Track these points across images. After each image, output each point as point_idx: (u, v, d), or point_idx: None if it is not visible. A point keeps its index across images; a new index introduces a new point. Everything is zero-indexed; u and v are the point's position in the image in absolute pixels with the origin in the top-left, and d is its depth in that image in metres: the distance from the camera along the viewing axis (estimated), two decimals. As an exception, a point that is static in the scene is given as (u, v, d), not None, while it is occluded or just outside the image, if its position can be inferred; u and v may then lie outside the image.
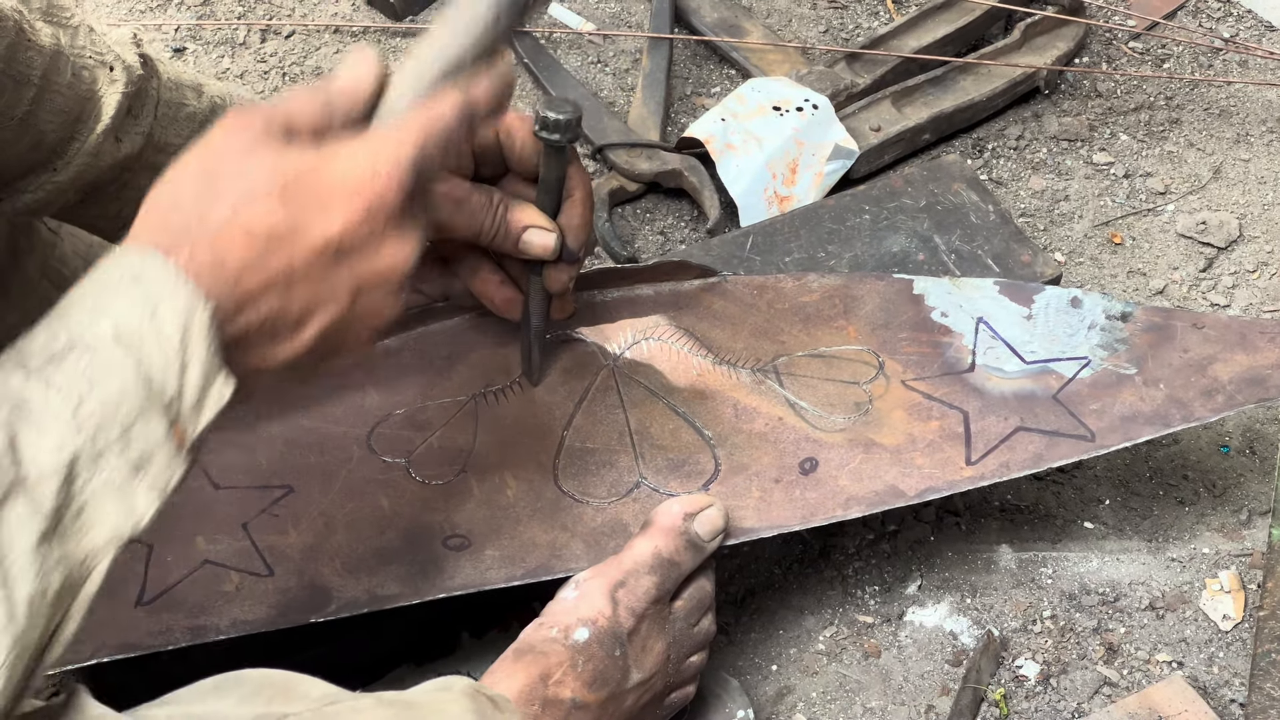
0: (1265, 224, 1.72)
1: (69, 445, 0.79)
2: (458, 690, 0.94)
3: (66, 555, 0.79)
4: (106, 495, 0.80)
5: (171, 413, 0.82)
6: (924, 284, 1.38)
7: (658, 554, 1.17)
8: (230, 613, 1.18)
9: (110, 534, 0.80)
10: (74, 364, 0.81)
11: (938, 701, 1.32)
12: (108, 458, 0.80)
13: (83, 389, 0.80)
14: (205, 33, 1.98)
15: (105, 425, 0.80)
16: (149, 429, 0.81)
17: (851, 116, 1.75)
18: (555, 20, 1.97)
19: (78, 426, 0.80)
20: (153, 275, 0.83)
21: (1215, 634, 1.36)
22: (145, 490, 0.82)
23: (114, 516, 0.80)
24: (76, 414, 0.80)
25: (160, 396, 0.82)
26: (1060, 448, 1.28)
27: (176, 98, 1.11)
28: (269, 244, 0.86)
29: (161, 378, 0.82)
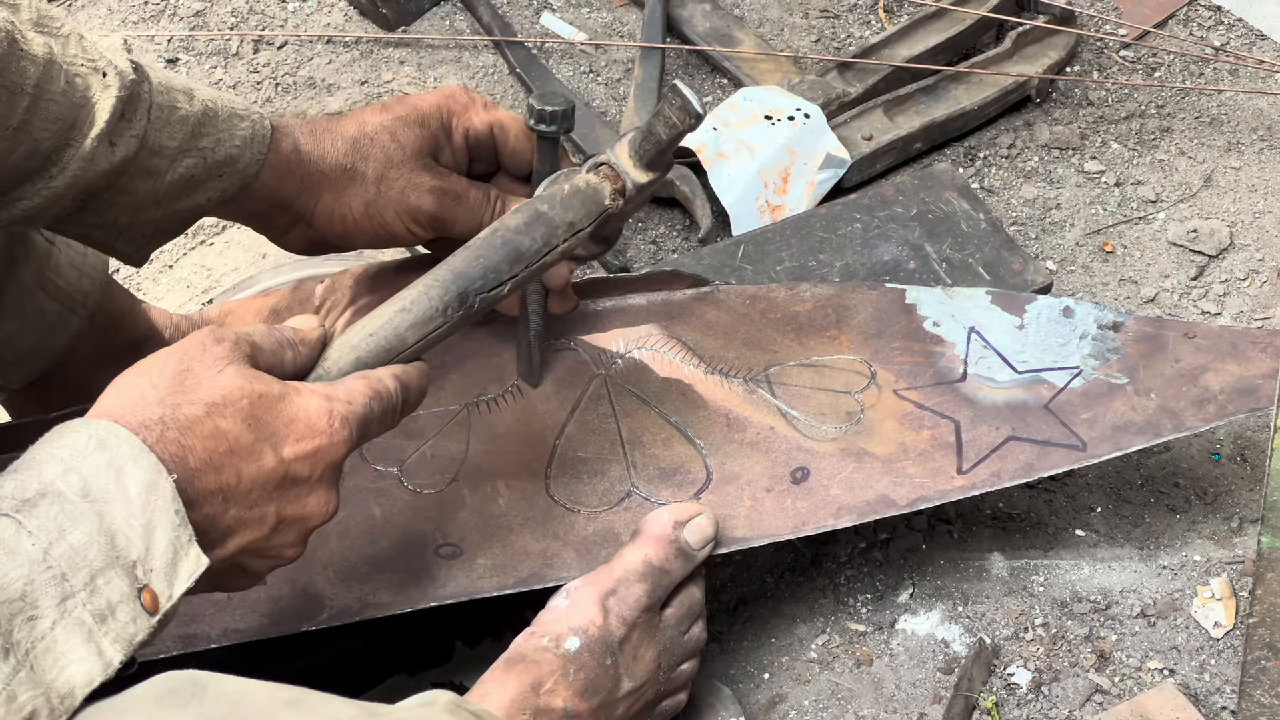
0: (1256, 232, 1.72)
1: (37, 581, 0.81)
2: (440, 706, 0.94)
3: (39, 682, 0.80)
4: (75, 637, 0.82)
5: (138, 574, 0.85)
6: (916, 293, 1.38)
7: (648, 562, 1.18)
8: (222, 621, 1.18)
9: (83, 676, 0.82)
10: (46, 510, 0.83)
11: (930, 709, 1.32)
12: (73, 603, 0.82)
13: (54, 533, 0.82)
14: (198, 43, 1.98)
15: (74, 570, 0.82)
16: (112, 584, 0.83)
17: (843, 125, 1.75)
18: (547, 30, 1.97)
19: (47, 566, 0.81)
20: (119, 444, 0.86)
21: (1207, 641, 1.36)
22: (110, 642, 0.83)
23: (84, 660, 0.82)
24: (47, 555, 0.82)
25: (124, 556, 0.84)
26: (1052, 457, 1.28)
27: (168, 101, 1.11)
28: (228, 456, 0.91)
29: (125, 538, 0.84)
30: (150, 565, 0.85)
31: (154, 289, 1.73)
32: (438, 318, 1.05)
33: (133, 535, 0.84)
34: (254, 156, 1.15)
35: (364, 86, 1.92)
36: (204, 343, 0.94)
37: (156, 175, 1.12)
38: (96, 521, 0.84)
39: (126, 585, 0.84)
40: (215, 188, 1.15)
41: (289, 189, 1.18)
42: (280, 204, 1.19)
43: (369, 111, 1.22)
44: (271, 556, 0.96)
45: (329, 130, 1.20)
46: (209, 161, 1.13)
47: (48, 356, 1.36)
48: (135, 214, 1.14)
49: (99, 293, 1.38)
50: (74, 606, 0.82)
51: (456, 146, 1.23)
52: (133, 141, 1.09)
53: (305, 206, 1.20)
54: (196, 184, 1.14)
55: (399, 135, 1.20)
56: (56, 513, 0.83)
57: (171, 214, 1.15)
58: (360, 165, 1.20)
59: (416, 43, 1.97)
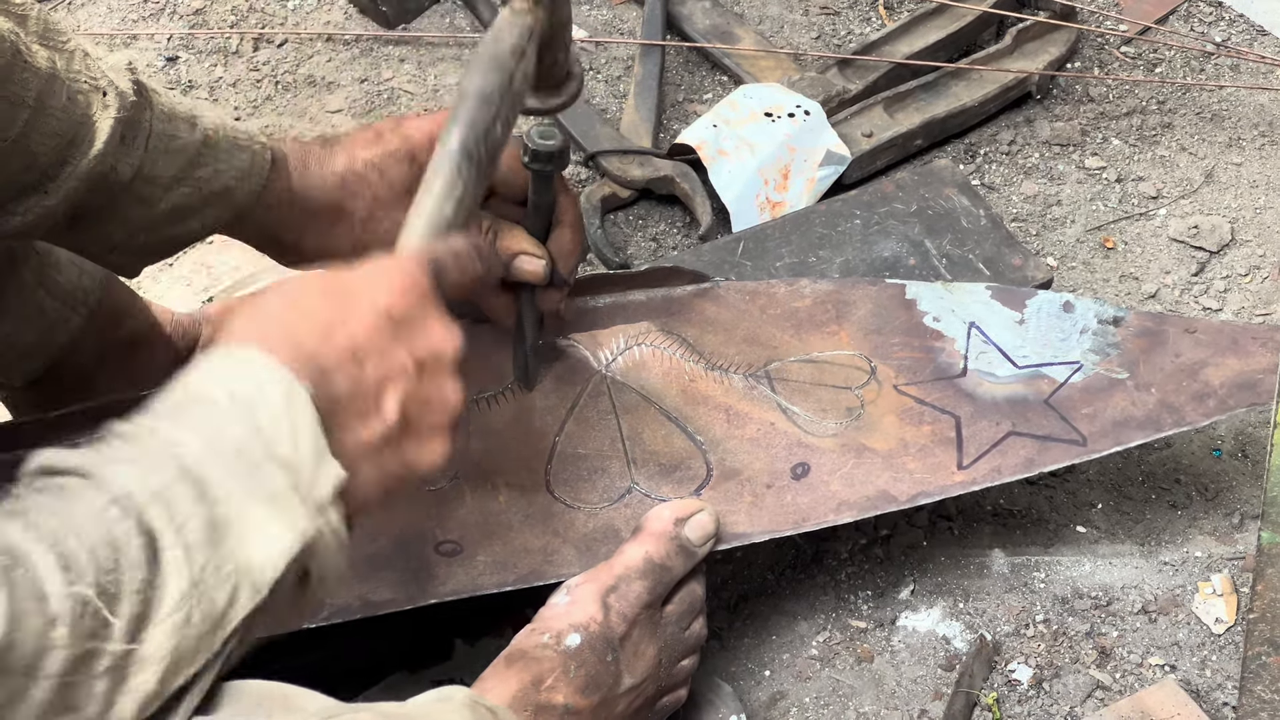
0: (1257, 228, 1.72)
1: (209, 464, 0.81)
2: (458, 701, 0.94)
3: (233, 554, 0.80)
4: (251, 518, 0.81)
5: (290, 475, 0.84)
6: (916, 289, 1.38)
7: (649, 559, 1.18)
8: (222, 619, 1.18)
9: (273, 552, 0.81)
10: (198, 412, 0.84)
11: (931, 706, 1.32)
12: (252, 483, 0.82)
13: (211, 431, 0.83)
14: (198, 41, 1.98)
15: (236, 461, 0.82)
16: (272, 476, 0.83)
17: (843, 122, 1.75)
18: (548, 27, 1.97)
19: (215, 453, 0.82)
20: (251, 360, 0.86)
21: (1208, 637, 1.36)
22: (283, 527, 0.83)
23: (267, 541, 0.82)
24: (210, 445, 0.82)
25: (278, 453, 0.84)
26: (1052, 452, 1.28)
27: (169, 130, 1.11)
28: (328, 328, 0.89)
29: (273, 436, 0.84)
30: (299, 465, 0.84)
31: (154, 286, 1.73)
32: (456, 181, 1.03)
33: (281, 436, 0.84)
34: (250, 189, 1.15)
35: (364, 84, 1.91)
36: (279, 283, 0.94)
37: (149, 203, 1.12)
38: (250, 420, 0.84)
39: (285, 478, 0.83)
40: (209, 215, 1.15)
41: (278, 224, 1.18)
42: (271, 237, 1.19)
43: (360, 143, 1.20)
44: (437, 402, 0.94)
45: (320, 163, 1.19)
46: (204, 192, 1.13)
47: (48, 354, 1.36)
48: (128, 235, 1.14)
49: (100, 290, 1.38)
50: (248, 487, 0.82)
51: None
52: (128, 169, 1.09)
53: (293, 241, 1.20)
54: (190, 212, 1.14)
55: (389, 173, 1.19)
56: (209, 413, 0.83)
57: (163, 239, 1.15)
58: (349, 204, 1.19)
59: (416, 40, 1.97)
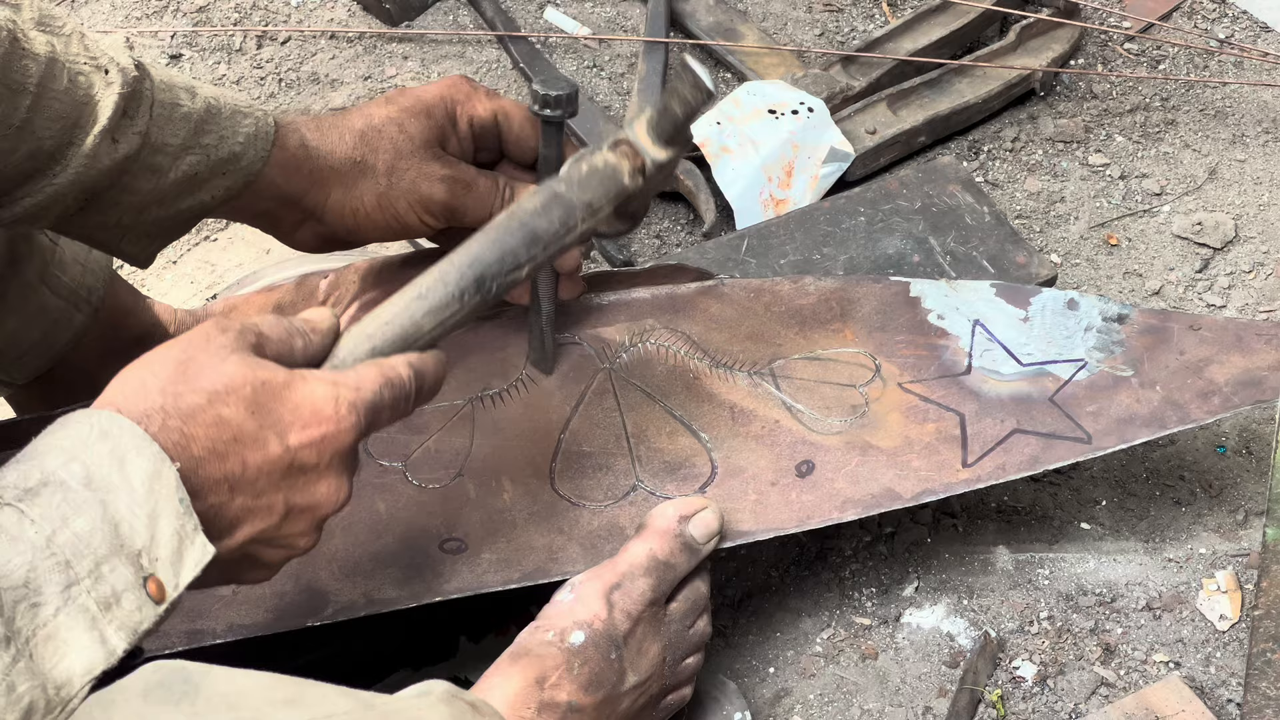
0: (1261, 224, 1.72)
1: (40, 568, 0.80)
2: (436, 695, 0.94)
3: (38, 671, 0.79)
4: (78, 625, 0.81)
5: (143, 562, 0.84)
6: (921, 287, 1.38)
7: (653, 556, 1.18)
8: (227, 617, 1.18)
9: (84, 665, 0.81)
10: (49, 498, 0.83)
11: (935, 703, 1.32)
12: (77, 590, 0.81)
13: (57, 521, 0.82)
14: (201, 39, 1.98)
15: (78, 558, 0.82)
16: (117, 572, 0.83)
17: (847, 119, 1.75)
18: (551, 25, 1.97)
19: (51, 553, 0.81)
20: (121, 433, 0.86)
21: (1212, 634, 1.36)
22: (114, 630, 0.82)
23: (87, 649, 0.81)
24: (50, 542, 0.81)
25: (129, 544, 0.84)
26: (1057, 450, 1.28)
27: (170, 98, 1.11)
28: (231, 444, 0.89)
29: (130, 527, 0.84)
30: (156, 554, 0.84)
31: (158, 284, 1.73)
32: (454, 304, 1.03)
33: (137, 524, 0.84)
34: (258, 153, 1.15)
35: (367, 82, 1.91)
36: (208, 333, 0.93)
37: (159, 173, 1.12)
38: (100, 510, 0.83)
39: (131, 573, 0.83)
40: (219, 185, 1.15)
41: (297, 185, 1.18)
42: (288, 201, 1.19)
43: (373, 105, 1.22)
44: (284, 546, 0.96)
45: (335, 125, 1.20)
46: (212, 159, 1.13)
47: (52, 352, 1.36)
48: (138, 213, 1.13)
49: (103, 288, 1.38)
50: (78, 593, 0.81)
51: (462, 135, 1.24)
52: (135, 139, 1.09)
53: (315, 202, 1.20)
54: (200, 182, 1.14)
55: (406, 126, 1.20)
56: (59, 501, 0.82)
57: (175, 213, 1.15)
58: (370, 158, 1.19)
59: (420, 38, 1.97)
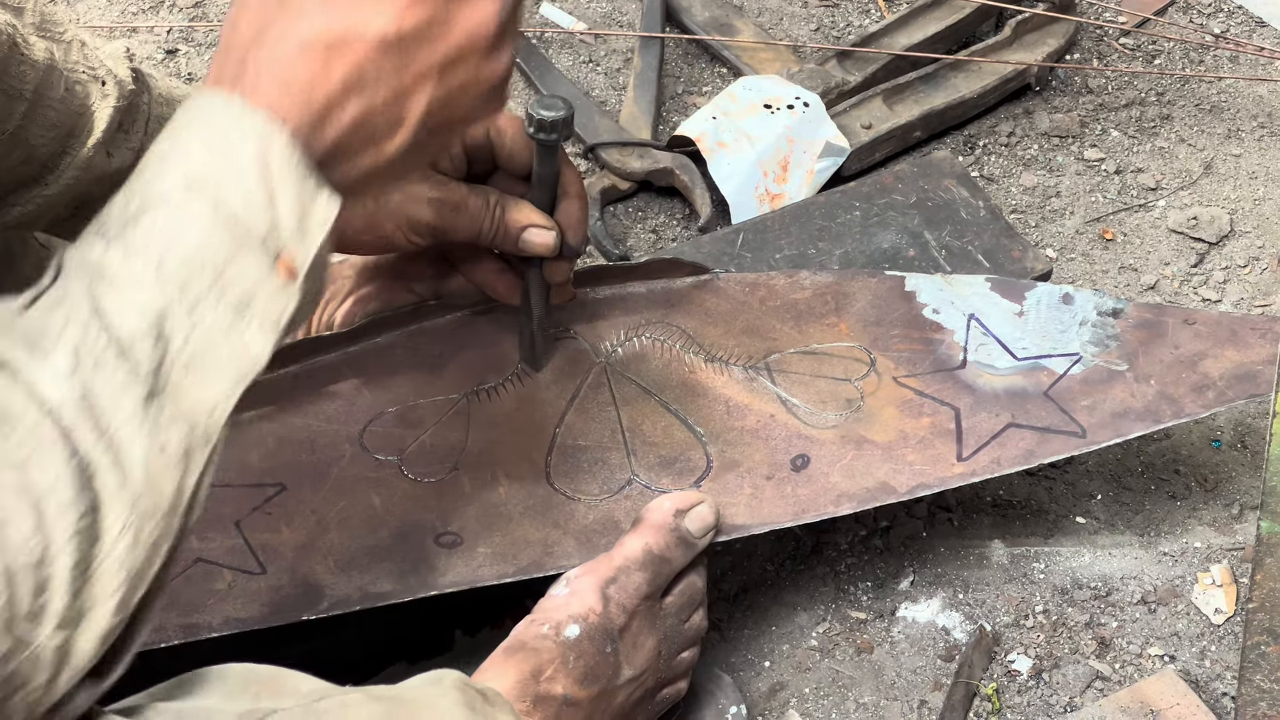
0: (1256, 219, 1.72)
1: (156, 303, 0.77)
2: (448, 684, 0.94)
3: (183, 412, 0.77)
4: (214, 343, 0.78)
5: (270, 247, 0.80)
6: (916, 281, 1.38)
7: (648, 550, 1.18)
8: (223, 610, 1.18)
9: (229, 380, 0.78)
10: (149, 223, 0.79)
11: (930, 697, 1.32)
12: (204, 307, 0.78)
13: (161, 246, 0.78)
14: (198, 34, 1.98)
15: (193, 276, 0.78)
16: (244, 270, 0.79)
17: (843, 114, 1.75)
18: (547, 20, 1.97)
19: (163, 284, 0.77)
20: (217, 113, 0.81)
21: (1207, 627, 1.36)
22: (256, 329, 0.79)
23: (228, 362, 0.78)
24: (159, 272, 0.78)
25: (250, 234, 0.79)
26: (1051, 444, 1.28)
27: (167, 113, 1.11)
28: (328, 53, 0.82)
29: (247, 215, 0.79)
30: (280, 232, 0.80)
31: (154, 280, 1.73)
32: None
33: (254, 209, 0.79)
34: None
35: (363, 77, 1.91)
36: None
37: None
38: (209, 212, 0.79)
39: (263, 263, 0.79)
40: None
41: None
42: None
43: None
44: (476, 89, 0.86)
45: None
46: None
47: (48, 347, 1.36)
48: None
49: (98, 284, 1.37)
50: (204, 311, 0.78)
51: (454, 153, 1.23)
52: (129, 153, 1.08)
53: None
54: None
55: None
56: (161, 221, 0.79)
57: None
58: None
59: None
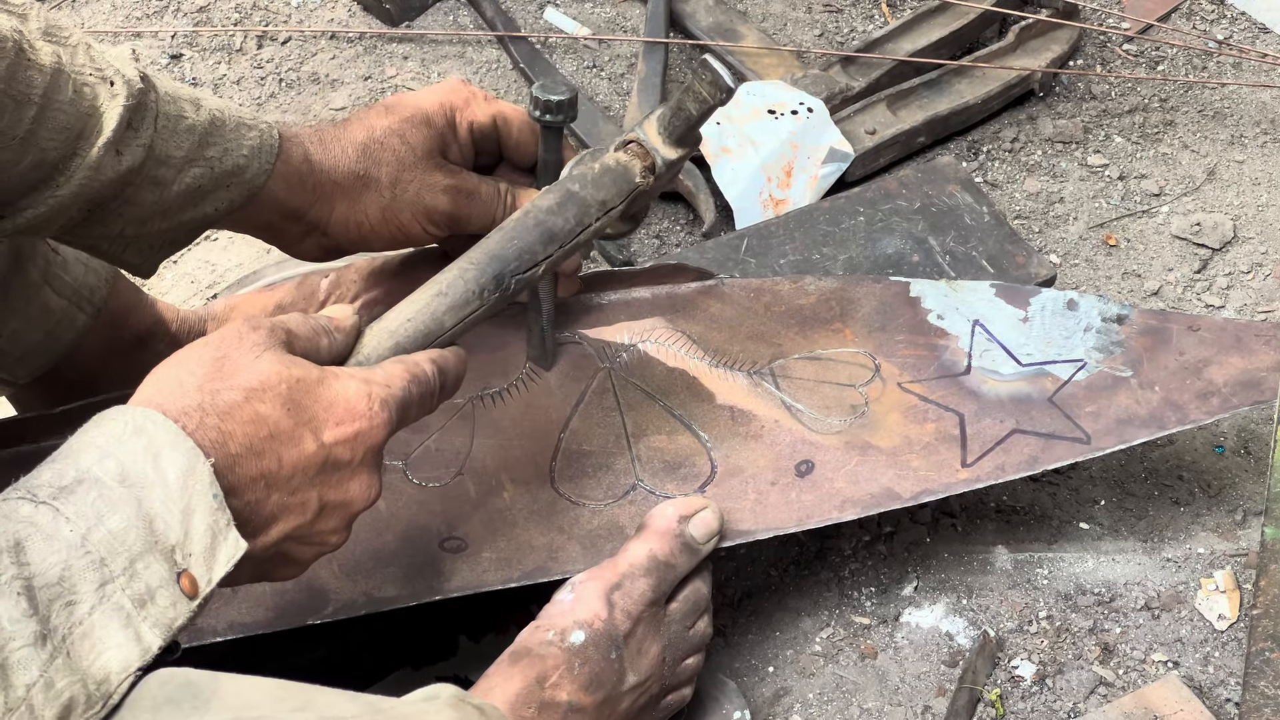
0: (1259, 225, 1.72)
1: (76, 565, 0.81)
2: (443, 700, 0.94)
3: (76, 668, 0.80)
4: (113, 623, 0.81)
5: (177, 558, 0.84)
6: (921, 287, 1.38)
7: (653, 556, 1.18)
8: (228, 615, 1.18)
9: (121, 662, 0.81)
10: (83, 496, 0.83)
11: (934, 702, 1.32)
12: (112, 588, 0.82)
13: (92, 519, 0.82)
14: (202, 39, 1.98)
15: (113, 555, 0.82)
16: (152, 568, 0.83)
17: (846, 120, 1.75)
18: (551, 25, 1.97)
19: (86, 551, 0.81)
20: (155, 429, 0.86)
21: (1211, 634, 1.36)
22: (149, 626, 0.83)
23: (122, 645, 0.82)
24: (85, 540, 0.82)
25: (163, 540, 0.84)
26: (1056, 450, 1.28)
27: (175, 110, 1.11)
28: (268, 441, 0.90)
29: (164, 523, 0.84)
30: (189, 550, 0.85)
31: (159, 284, 1.73)
32: (474, 301, 1.06)
33: (171, 520, 0.84)
34: (262, 166, 1.15)
35: (367, 82, 1.92)
36: (240, 331, 0.94)
37: (163, 185, 1.12)
38: (135, 507, 0.83)
39: (165, 570, 0.84)
40: (223, 198, 1.15)
41: (300, 199, 1.18)
42: (292, 214, 1.19)
43: (373, 115, 1.22)
44: (316, 543, 0.96)
45: (337, 138, 1.20)
46: (216, 171, 1.13)
47: (54, 352, 1.36)
48: (141, 225, 1.14)
49: (105, 288, 1.38)
50: (113, 591, 0.82)
51: (463, 142, 1.24)
52: (139, 151, 1.09)
53: (320, 216, 1.20)
54: (203, 194, 1.14)
55: (408, 137, 1.20)
56: (94, 498, 0.83)
57: (178, 225, 1.15)
58: (373, 171, 1.20)
59: (420, 38, 1.97)
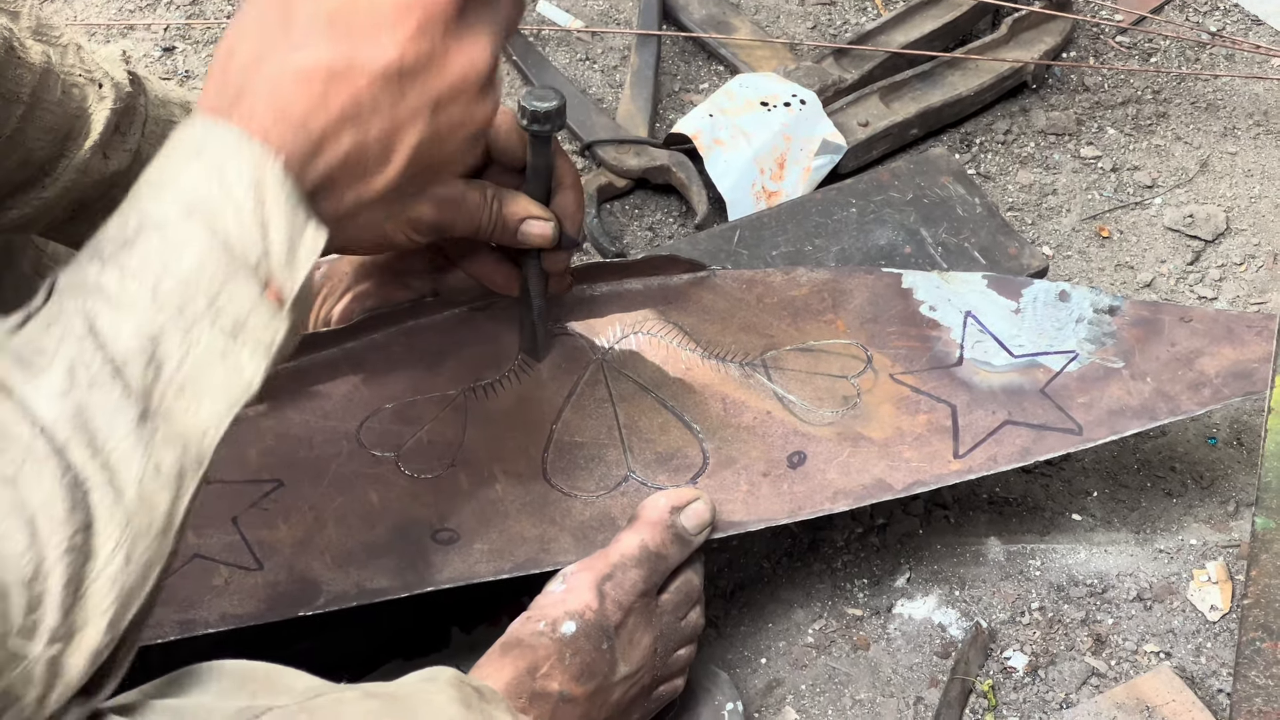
0: (1252, 217, 1.72)
1: (152, 324, 0.78)
2: (443, 681, 0.94)
3: (176, 433, 0.77)
4: (207, 366, 0.79)
5: (261, 273, 0.81)
6: (913, 278, 1.38)
7: (644, 547, 1.18)
8: (219, 606, 1.18)
9: (222, 404, 0.79)
10: (145, 245, 0.80)
11: (926, 693, 1.32)
12: (199, 330, 0.79)
13: (158, 268, 0.79)
14: (195, 31, 1.98)
15: (189, 299, 0.79)
16: (237, 294, 0.80)
17: (839, 112, 1.75)
18: (544, 18, 1.97)
19: (159, 306, 0.78)
20: (215, 141, 0.82)
21: (1203, 624, 1.36)
22: (249, 354, 0.80)
23: (221, 386, 0.79)
24: (155, 294, 0.78)
25: (244, 260, 0.81)
26: (1048, 441, 1.28)
27: (165, 114, 1.11)
28: (328, 83, 0.83)
29: (241, 242, 0.80)
30: (270, 261, 0.82)
31: (151, 277, 1.73)
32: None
33: (248, 238, 0.81)
34: None
35: (360, 74, 1.91)
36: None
37: None
38: (206, 237, 0.80)
39: (255, 289, 0.81)
40: None
41: None
42: None
43: None
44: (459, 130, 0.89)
45: None
46: None
47: (46, 344, 1.36)
48: None
49: (95, 281, 1.37)
50: (199, 335, 0.79)
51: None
52: (126, 155, 1.08)
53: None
54: None
55: None
56: (158, 244, 0.79)
57: None
58: None
59: None
